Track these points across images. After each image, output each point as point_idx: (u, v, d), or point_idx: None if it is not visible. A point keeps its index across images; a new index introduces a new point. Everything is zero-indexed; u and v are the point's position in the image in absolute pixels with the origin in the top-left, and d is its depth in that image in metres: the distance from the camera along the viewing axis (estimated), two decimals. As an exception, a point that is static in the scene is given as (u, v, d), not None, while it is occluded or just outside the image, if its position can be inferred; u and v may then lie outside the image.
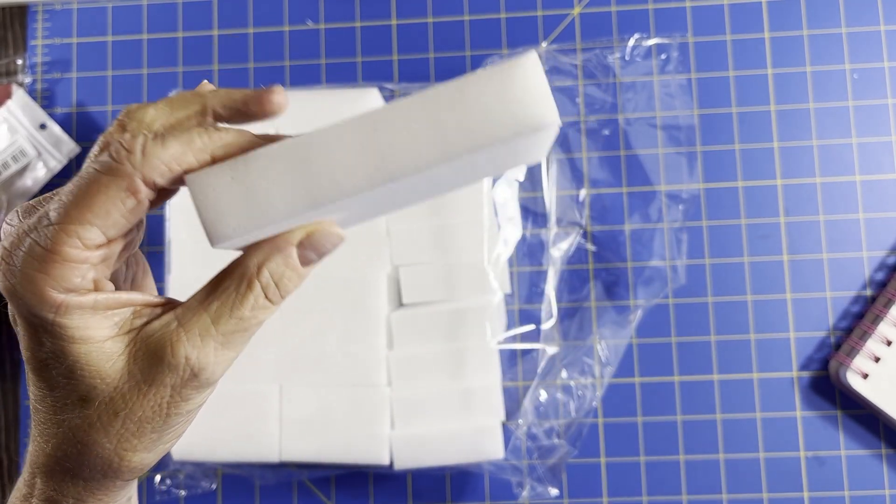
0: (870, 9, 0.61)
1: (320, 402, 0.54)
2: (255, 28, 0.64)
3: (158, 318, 0.28)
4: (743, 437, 0.58)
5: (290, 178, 0.27)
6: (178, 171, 0.26)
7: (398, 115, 0.27)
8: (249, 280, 0.27)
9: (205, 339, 0.27)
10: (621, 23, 0.62)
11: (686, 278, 0.59)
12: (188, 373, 0.27)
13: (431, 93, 0.27)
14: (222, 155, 0.27)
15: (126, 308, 0.28)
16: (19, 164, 0.60)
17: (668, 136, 0.61)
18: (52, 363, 0.27)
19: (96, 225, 0.26)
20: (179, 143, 0.26)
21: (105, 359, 0.27)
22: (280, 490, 0.59)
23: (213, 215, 0.27)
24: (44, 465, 0.29)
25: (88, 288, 0.27)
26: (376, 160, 0.27)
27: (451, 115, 0.27)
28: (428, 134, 0.27)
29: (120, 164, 0.26)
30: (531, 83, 0.27)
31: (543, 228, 0.60)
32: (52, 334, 0.26)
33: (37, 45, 0.65)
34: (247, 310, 0.27)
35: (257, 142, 0.27)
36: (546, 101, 0.27)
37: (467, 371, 0.55)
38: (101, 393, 0.27)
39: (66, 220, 0.26)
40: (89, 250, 0.26)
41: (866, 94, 0.60)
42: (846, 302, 0.59)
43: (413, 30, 0.63)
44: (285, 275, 0.28)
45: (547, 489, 0.57)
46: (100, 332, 0.27)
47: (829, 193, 0.60)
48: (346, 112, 0.57)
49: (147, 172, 0.26)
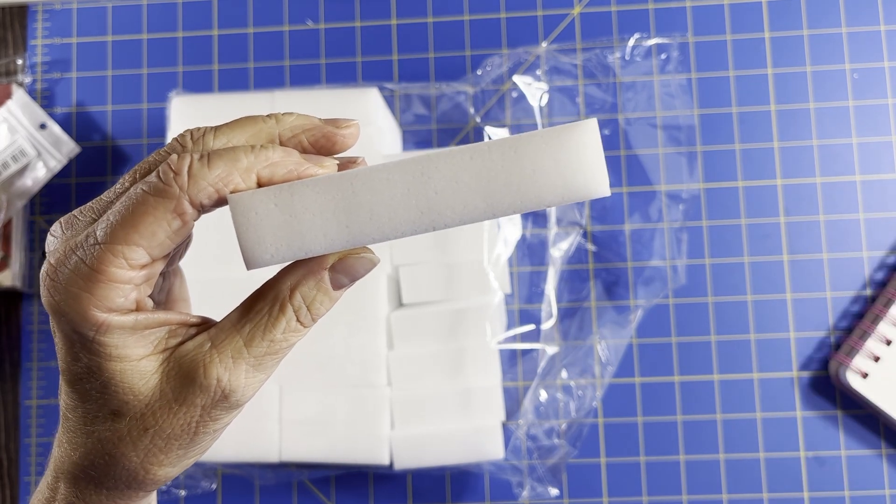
0: (870, 9, 0.61)
1: (320, 403, 0.54)
2: (255, 28, 0.64)
3: (192, 339, 0.28)
4: (743, 437, 0.58)
5: (333, 213, 0.27)
6: (224, 191, 0.26)
7: (449, 163, 0.27)
8: (282, 303, 0.28)
9: (237, 362, 0.27)
10: (621, 23, 0.62)
11: (686, 278, 0.59)
12: (219, 394, 0.27)
13: (485, 146, 0.27)
14: (267, 176, 0.27)
15: (163, 328, 0.28)
16: (19, 164, 0.60)
17: (668, 136, 0.61)
18: (87, 377, 0.27)
19: (142, 246, 0.26)
20: (225, 162, 0.26)
21: (139, 377, 0.27)
22: (280, 490, 0.59)
23: (253, 240, 0.27)
24: (69, 471, 0.29)
25: (130, 308, 0.27)
26: (421, 207, 0.27)
27: (502, 173, 0.27)
28: (476, 189, 0.27)
29: (167, 185, 0.26)
30: (587, 152, 0.27)
31: (543, 228, 0.60)
32: (90, 350, 0.27)
33: (37, 44, 0.65)
34: (279, 332, 0.28)
35: (304, 164, 0.27)
36: (600, 171, 0.27)
37: (467, 371, 0.55)
38: (132, 409, 0.27)
39: (112, 240, 0.26)
40: (134, 270, 0.26)
41: (866, 94, 0.60)
42: (846, 302, 0.59)
43: (413, 30, 0.63)
44: (317, 299, 0.28)
45: (547, 489, 0.57)
46: (136, 351, 0.27)
47: (829, 193, 0.60)
48: (346, 112, 0.57)
49: (193, 194, 0.26)
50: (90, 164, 0.63)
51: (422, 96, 0.62)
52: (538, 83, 0.61)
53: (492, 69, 0.61)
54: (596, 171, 0.27)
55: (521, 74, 0.61)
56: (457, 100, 0.61)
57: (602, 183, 0.27)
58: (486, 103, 0.61)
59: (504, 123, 0.61)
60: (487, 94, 0.61)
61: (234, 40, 0.64)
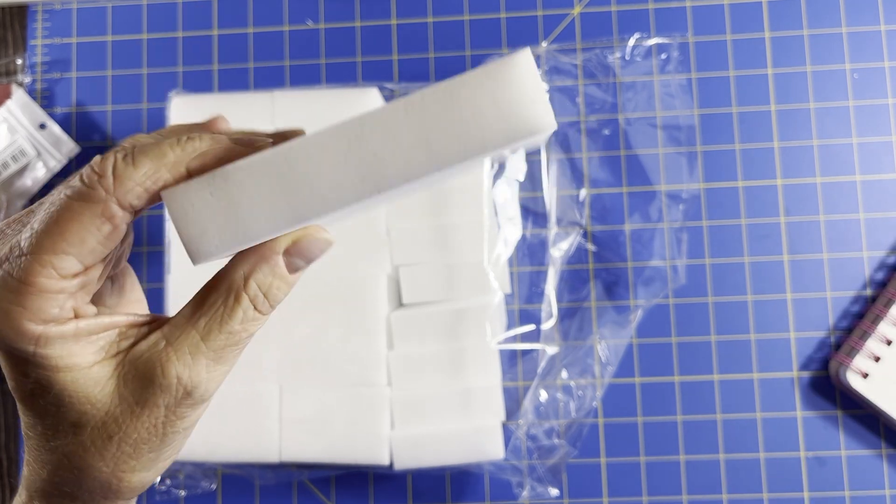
0: (870, 9, 0.61)
1: (320, 402, 0.54)
2: (255, 28, 0.64)
3: (146, 339, 0.27)
4: (743, 437, 0.58)
5: (272, 193, 0.25)
6: (154, 189, 0.25)
7: (383, 121, 0.25)
8: (237, 293, 0.27)
9: (195, 357, 0.26)
10: (621, 23, 0.62)
11: (686, 278, 0.59)
12: (181, 392, 0.26)
13: (418, 97, 0.25)
14: (198, 166, 0.26)
15: (110, 331, 0.27)
16: (19, 164, 0.60)
17: (668, 135, 0.61)
18: (40, 393, 0.26)
19: (71, 254, 0.25)
20: (150, 159, 0.25)
21: (93, 384, 0.26)
22: (280, 490, 0.59)
23: (194, 233, 0.26)
24: (41, 489, 0.28)
25: (68, 316, 0.26)
26: (362, 171, 0.25)
27: (441, 122, 0.25)
28: (416, 143, 0.25)
29: (92, 188, 0.25)
30: (525, 84, 0.25)
31: (543, 228, 0.60)
32: (36, 364, 0.26)
33: (37, 44, 0.65)
34: (236, 323, 0.27)
35: (235, 149, 0.26)
36: (541, 103, 0.25)
37: (467, 371, 0.55)
38: (92, 418, 0.26)
39: (38, 250, 0.25)
40: (65, 279, 0.25)
41: (866, 94, 0.60)
42: (846, 302, 0.59)
43: (413, 30, 0.63)
44: (273, 284, 0.27)
45: (547, 489, 0.57)
46: (84, 359, 0.26)
47: (829, 193, 0.60)
48: (346, 112, 0.57)
49: (121, 196, 0.25)
50: (90, 164, 0.63)
51: (422, 96, 0.62)
52: (538, 83, 0.61)
53: (492, 69, 0.61)
54: (537, 104, 0.25)
55: (521, 74, 0.61)
56: (457, 100, 0.61)
57: (545, 115, 0.25)
58: (486, 103, 0.61)
59: (504, 123, 0.61)
60: (487, 94, 0.61)
61: (234, 40, 0.64)
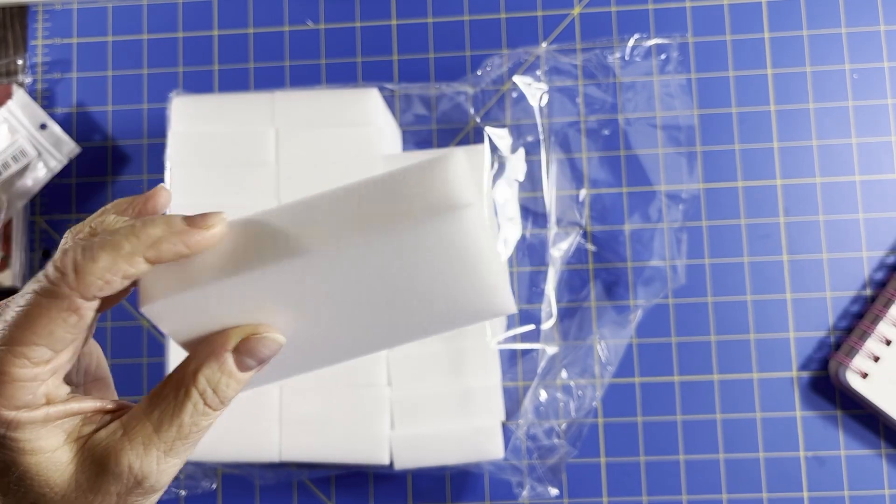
0: (870, 9, 0.61)
1: (320, 402, 0.54)
2: (255, 28, 0.64)
3: (106, 427, 0.28)
4: (743, 437, 0.58)
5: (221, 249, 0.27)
6: (115, 280, 0.26)
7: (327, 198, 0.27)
8: (187, 387, 0.28)
9: (147, 448, 0.27)
10: (621, 23, 0.62)
11: (686, 278, 0.59)
12: (132, 481, 0.27)
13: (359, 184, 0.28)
14: (154, 257, 0.27)
15: (76, 416, 0.28)
16: (19, 164, 0.60)
17: (668, 136, 0.61)
18: (5, 471, 0.27)
19: (42, 344, 0.26)
20: (107, 252, 0.26)
21: (54, 468, 0.27)
22: (280, 490, 0.59)
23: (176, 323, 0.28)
24: None
25: (40, 402, 0.27)
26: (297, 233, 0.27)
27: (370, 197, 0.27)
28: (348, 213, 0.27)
29: (55, 286, 0.26)
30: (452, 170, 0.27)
31: (543, 228, 0.60)
32: (4, 446, 0.27)
33: (37, 45, 0.65)
34: (186, 417, 0.28)
35: (190, 234, 0.27)
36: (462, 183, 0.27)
37: (467, 371, 0.55)
38: (50, 501, 0.27)
39: (11, 342, 0.26)
40: (38, 367, 0.26)
41: (866, 94, 0.60)
42: (846, 302, 0.59)
43: (413, 30, 0.63)
44: (222, 381, 0.28)
45: (547, 489, 0.57)
46: (50, 443, 0.27)
47: (829, 193, 0.60)
48: (346, 112, 0.57)
49: (83, 290, 0.26)
50: (90, 165, 0.63)
51: (422, 96, 0.62)
52: (538, 83, 0.61)
53: (492, 69, 0.61)
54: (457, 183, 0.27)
55: (521, 75, 0.61)
56: (457, 100, 0.61)
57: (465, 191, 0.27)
58: (486, 103, 0.61)
59: (504, 124, 0.61)
60: (487, 95, 0.61)
61: (234, 40, 0.64)
